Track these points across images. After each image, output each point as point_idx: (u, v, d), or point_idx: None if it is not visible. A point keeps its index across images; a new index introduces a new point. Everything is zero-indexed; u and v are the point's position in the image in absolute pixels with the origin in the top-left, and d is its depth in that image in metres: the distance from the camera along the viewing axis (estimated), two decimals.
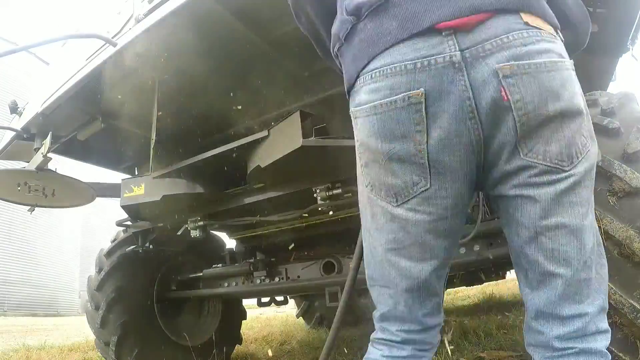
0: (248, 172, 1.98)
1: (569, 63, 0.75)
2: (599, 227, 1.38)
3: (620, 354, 1.35)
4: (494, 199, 0.83)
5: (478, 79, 0.70)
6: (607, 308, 0.81)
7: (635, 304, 1.30)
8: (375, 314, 0.97)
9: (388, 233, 0.84)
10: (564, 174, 0.73)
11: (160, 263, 2.94)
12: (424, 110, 0.72)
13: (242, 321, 3.55)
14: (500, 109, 0.70)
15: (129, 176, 2.34)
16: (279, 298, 3.30)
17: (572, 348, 0.76)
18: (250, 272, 2.60)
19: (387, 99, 0.74)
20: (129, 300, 2.64)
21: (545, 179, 0.73)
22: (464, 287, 5.59)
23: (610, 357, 0.78)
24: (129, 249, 2.73)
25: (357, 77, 0.82)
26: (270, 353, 3.56)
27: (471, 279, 4.14)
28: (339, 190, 1.99)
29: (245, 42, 1.80)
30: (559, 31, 0.79)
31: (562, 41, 0.78)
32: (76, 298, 21.41)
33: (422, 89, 0.71)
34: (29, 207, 2.61)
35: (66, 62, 2.19)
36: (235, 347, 3.42)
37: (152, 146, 2.04)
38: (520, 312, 3.91)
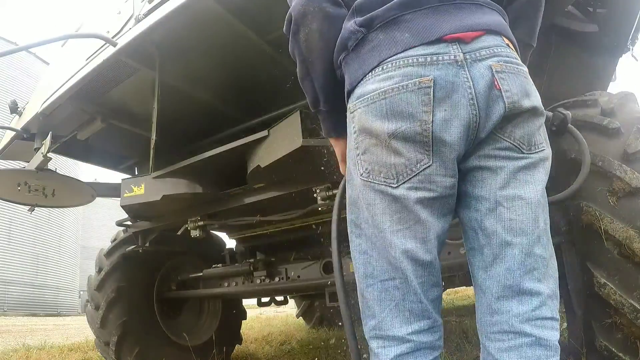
0: (248, 172, 1.98)
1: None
2: (599, 227, 1.39)
3: (620, 354, 1.35)
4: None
5: (476, 73, 0.83)
6: (559, 298, 0.89)
7: (635, 304, 1.30)
8: (370, 325, 0.91)
9: (391, 215, 0.87)
10: (522, 155, 0.86)
11: (160, 263, 2.94)
12: (432, 94, 0.82)
13: (242, 321, 3.55)
14: (494, 96, 0.83)
15: (129, 176, 2.34)
16: (279, 298, 3.30)
17: (528, 335, 0.82)
18: (250, 272, 2.60)
19: (399, 84, 0.83)
20: (129, 300, 2.64)
21: (505, 154, 0.86)
22: (464, 287, 5.58)
23: (559, 350, 0.84)
24: (129, 249, 2.73)
25: (364, 76, 0.89)
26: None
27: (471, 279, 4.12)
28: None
29: (245, 42, 1.80)
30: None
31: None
32: (76, 298, 21.43)
33: (431, 76, 0.82)
34: (29, 207, 2.61)
35: (66, 62, 2.19)
36: (235, 347, 3.42)
37: (152, 146, 2.04)
38: None
